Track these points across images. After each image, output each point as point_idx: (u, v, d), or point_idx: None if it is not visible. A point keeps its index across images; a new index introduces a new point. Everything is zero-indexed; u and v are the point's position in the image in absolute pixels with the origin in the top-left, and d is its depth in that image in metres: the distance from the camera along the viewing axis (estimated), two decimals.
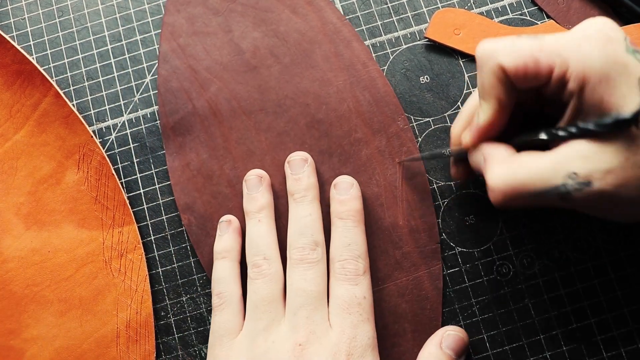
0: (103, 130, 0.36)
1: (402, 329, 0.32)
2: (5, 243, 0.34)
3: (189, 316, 0.33)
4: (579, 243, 0.33)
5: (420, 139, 0.35)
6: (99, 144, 0.35)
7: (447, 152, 0.31)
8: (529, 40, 0.25)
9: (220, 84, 0.36)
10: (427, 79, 0.35)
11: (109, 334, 0.33)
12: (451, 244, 0.33)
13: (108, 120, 0.36)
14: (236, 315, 0.31)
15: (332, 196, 0.33)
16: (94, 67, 0.37)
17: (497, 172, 0.26)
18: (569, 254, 0.33)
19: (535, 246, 0.33)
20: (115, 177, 0.35)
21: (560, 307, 0.32)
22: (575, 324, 0.32)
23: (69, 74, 0.37)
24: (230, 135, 0.35)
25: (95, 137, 0.35)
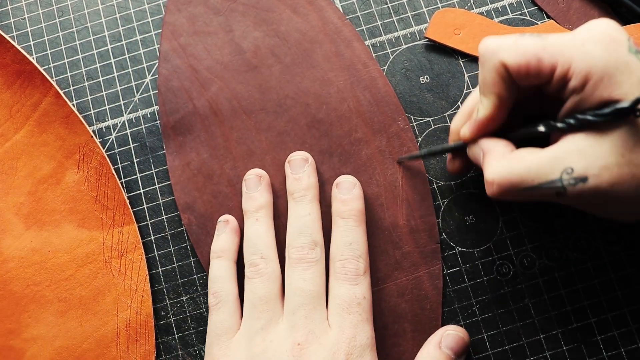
0: (103, 130, 0.36)
1: (402, 329, 0.32)
2: (5, 243, 0.34)
3: (189, 316, 0.33)
4: (579, 243, 0.33)
5: (420, 139, 0.35)
6: (99, 144, 0.35)
7: (445, 148, 0.31)
8: (532, 39, 0.25)
9: (221, 83, 0.36)
10: (427, 79, 0.35)
11: (109, 334, 0.33)
12: (451, 243, 0.33)
13: (108, 120, 0.36)
14: (233, 314, 0.31)
15: (334, 195, 0.33)
16: (94, 67, 0.37)
17: (494, 166, 0.26)
18: (569, 254, 0.33)
19: (535, 246, 0.33)
20: (115, 177, 0.35)
21: (560, 307, 0.32)
22: (575, 324, 0.32)
23: (69, 74, 0.37)
24: (230, 134, 0.35)
25: (95, 137, 0.35)
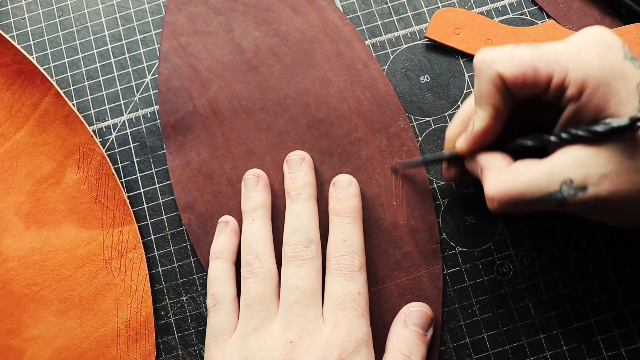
0: (103, 129, 0.36)
1: None
2: (5, 242, 0.34)
3: (189, 315, 0.33)
4: (579, 243, 0.33)
5: (420, 139, 0.35)
6: (99, 144, 0.35)
7: (440, 157, 0.31)
8: (527, 49, 0.25)
9: (221, 83, 0.35)
10: (427, 78, 0.35)
11: (109, 334, 0.33)
12: (451, 243, 0.33)
13: (108, 120, 0.36)
14: (230, 315, 0.31)
15: (330, 194, 0.33)
16: (94, 66, 0.37)
17: (493, 181, 0.26)
18: (569, 254, 0.33)
19: (535, 246, 0.33)
20: (116, 176, 0.35)
21: (560, 307, 0.32)
22: (575, 324, 0.32)
23: (69, 74, 0.37)
24: (230, 134, 0.35)
25: (95, 136, 0.35)
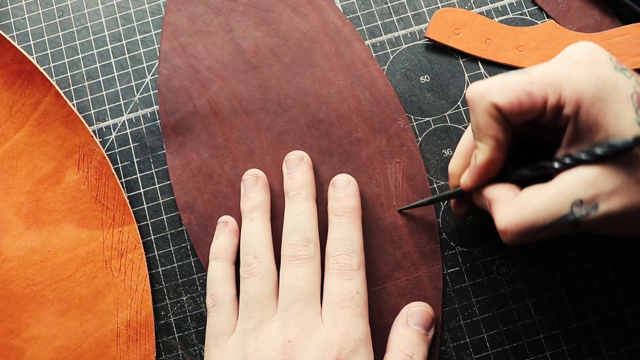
0: (103, 129, 0.36)
1: None
2: (5, 243, 0.34)
3: (189, 315, 0.33)
4: (579, 243, 0.33)
5: (420, 139, 0.35)
6: (99, 144, 0.35)
7: (447, 195, 0.31)
8: (517, 75, 0.25)
9: (221, 83, 0.35)
10: (427, 78, 0.35)
11: (109, 334, 0.33)
12: (451, 243, 0.33)
13: (108, 120, 0.36)
14: (229, 315, 0.31)
15: (329, 194, 0.33)
16: (94, 66, 0.37)
17: (504, 214, 0.26)
18: (569, 254, 0.33)
19: (535, 246, 0.33)
20: (116, 176, 0.35)
21: (560, 307, 0.32)
22: (575, 324, 0.32)
23: (69, 74, 0.37)
24: (230, 134, 0.35)
25: (95, 136, 0.35)
